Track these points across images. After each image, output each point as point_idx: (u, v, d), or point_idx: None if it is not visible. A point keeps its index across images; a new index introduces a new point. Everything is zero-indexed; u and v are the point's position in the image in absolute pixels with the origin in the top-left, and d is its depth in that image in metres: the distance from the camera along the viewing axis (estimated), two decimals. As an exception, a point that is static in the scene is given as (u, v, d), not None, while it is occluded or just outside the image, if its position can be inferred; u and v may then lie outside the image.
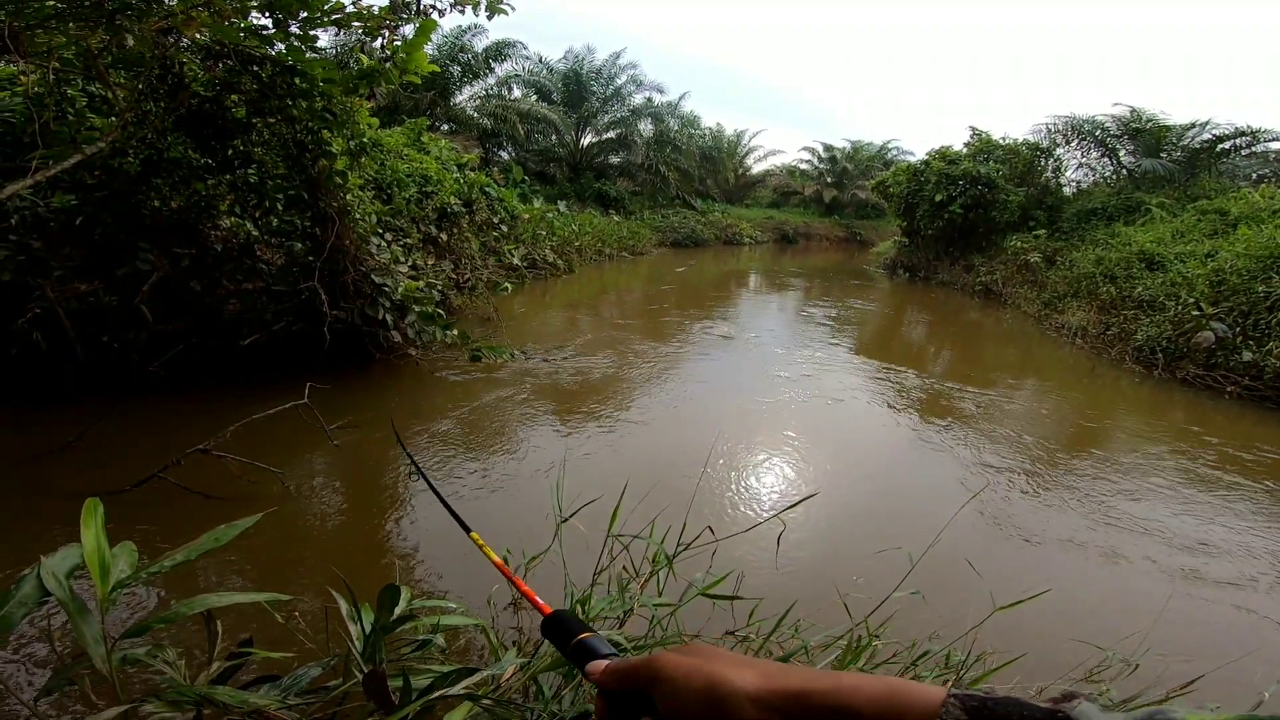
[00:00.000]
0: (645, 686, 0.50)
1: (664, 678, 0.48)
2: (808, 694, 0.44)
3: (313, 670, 1.53)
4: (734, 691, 0.45)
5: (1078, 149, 16.18)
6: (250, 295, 5.46)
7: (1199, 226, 10.79)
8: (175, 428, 4.23)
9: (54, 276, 4.54)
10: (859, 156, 32.41)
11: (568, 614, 0.59)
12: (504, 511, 3.72)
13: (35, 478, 3.57)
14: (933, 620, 2.35)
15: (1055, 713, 0.39)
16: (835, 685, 0.44)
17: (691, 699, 0.46)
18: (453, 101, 18.20)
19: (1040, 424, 6.03)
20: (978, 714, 0.40)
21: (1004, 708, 0.40)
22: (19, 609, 1.19)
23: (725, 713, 0.45)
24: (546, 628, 0.60)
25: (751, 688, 0.45)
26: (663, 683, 0.48)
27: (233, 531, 1.45)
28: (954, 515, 2.41)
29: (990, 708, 0.40)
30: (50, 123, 4.07)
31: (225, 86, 4.73)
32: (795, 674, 0.46)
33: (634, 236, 18.71)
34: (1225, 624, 3.20)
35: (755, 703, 0.45)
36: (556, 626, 0.59)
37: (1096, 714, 0.39)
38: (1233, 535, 4.06)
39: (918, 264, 17.36)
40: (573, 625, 0.58)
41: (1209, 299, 8.19)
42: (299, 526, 3.44)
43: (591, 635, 0.56)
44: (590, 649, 0.55)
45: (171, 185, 5.02)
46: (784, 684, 0.45)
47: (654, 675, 0.49)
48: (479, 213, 10.26)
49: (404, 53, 4.61)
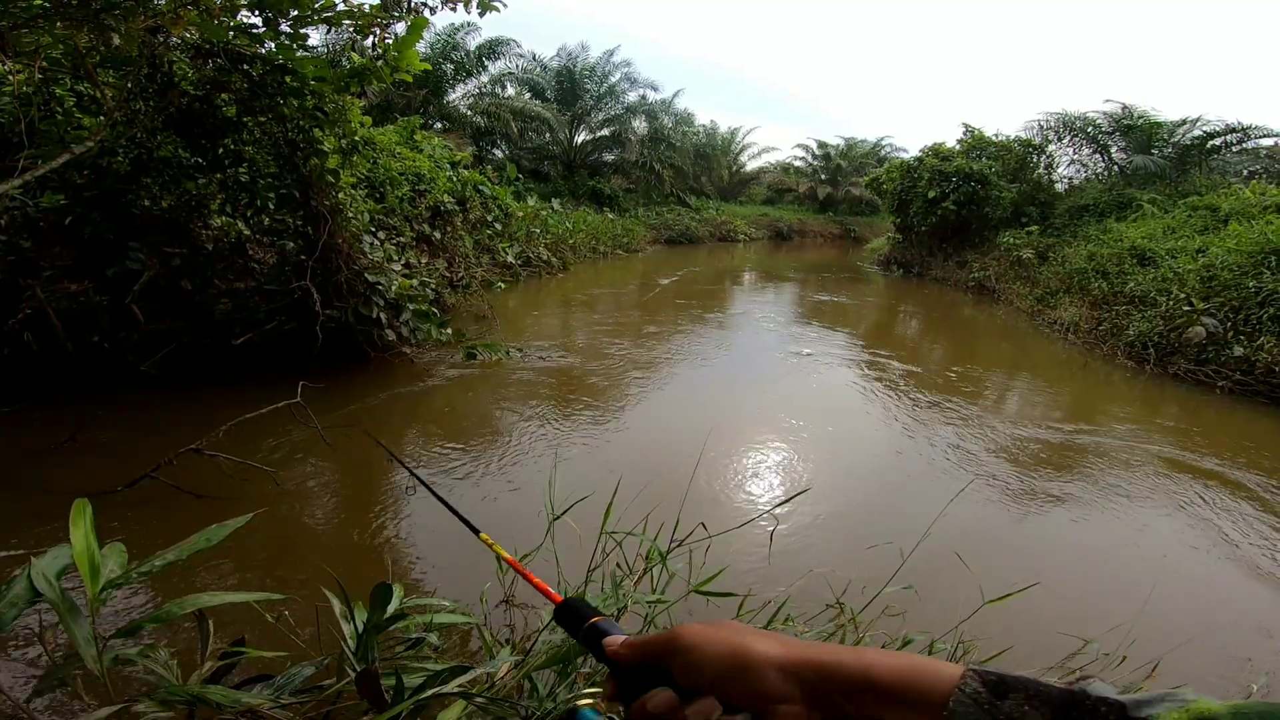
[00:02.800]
0: (664, 658, 0.50)
1: (686, 646, 0.49)
2: (830, 663, 0.45)
3: (306, 669, 1.53)
4: (759, 658, 0.46)
5: (1070, 145, 16.25)
6: (242, 294, 5.44)
7: (1190, 222, 10.85)
8: (167, 427, 4.21)
9: (44, 276, 4.52)
10: (853, 153, 32.44)
11: (579, 600, 0.61)
12: (496, 508, 3.72)
13: (27, 477, 3.55)
14: (925, 612, 2.37)
15: (1071, 690, 0.40)
16: (856, 657, 0.45)
17: (715, 666, 0.47)
18: (446, 99, 18.13)
19: (1031, 418, 6.06)
20: (995, 688, 0.41)
21: (1020, 683, 0.41)
22: (10, 609, 1.18)
23: (749, 678, 0.46)
24: (560, 615, 0.61)
25: (776, 655, 0.47)
26: (684, 651, 0.49)
27: (224, 531, 1.45)
28: (942, 510, 2.43)
29: (1008, 682, 0.41)
30: (38, 122, 4.04)
31: (215, 85, 4.70)
32: (817, 646, 0.48)
33: (628, 234, 18.69)
34: (1208, 617, 3.24)
35: (779, 670, 0.46)
36: (569, 613, 0.60)
37: (1109, 691, 0.40)
38: (1217, 527, 4.10)
39: (911, 260, 17.41)
40: (584, 610, 0.59)
41: (1200, 294, 8.24)
42: (291, 526, 3.43)
43: (602, 619, 0.58)
44: (602, 631, 0.57)
45: (161, 184, 4.99)
46: (806, 654, 0.47)
47: (675, 646, 0.50)
48: (473, 211, 10.23)
49: (395, 51, 4.59)
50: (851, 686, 0.44)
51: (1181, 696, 0.38)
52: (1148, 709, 0.38)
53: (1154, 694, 0.39)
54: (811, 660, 0.46)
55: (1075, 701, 0.39)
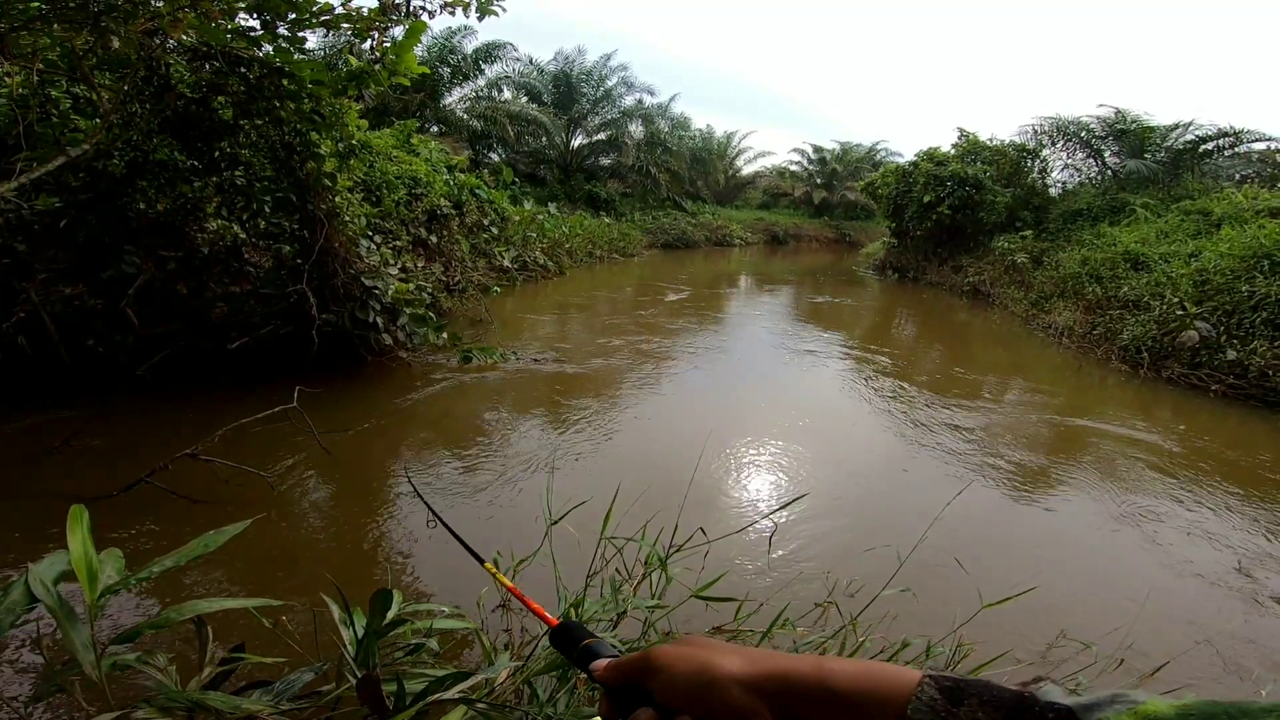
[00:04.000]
0: (642, 679, 0.52)
1: (658, 667, 0.51)
2: (789, 674, 0.47)
3: (305, 675, 1.53)
4: (721, 675, 0.48)
5: (1063, 150, 16.32)
6: (238, 298, 5.42)
7: (1183, 227, 10.91)
8: (163, 432, 4.19)
9: (39, 279, 4.50)
10: (848, 158, 32.56)
11: (573, 624, 0.64)
12: (494, 514, 3.71)
13: (21, 482, 3.53)
14: (922, 616, 2.38)
15: (1022, 694, 0.42)
16: (815, 666, 0.47)
17: (683, 685, 0.49)
18: (442, 103, 18.14)
19: (1027, 422, 6.09)
20: (950, 693, 0.42)
21: (974, 688, 0.43)
22: (7, 615, 1.18)
23: (714, 695, 0.47)
24: (555, 638, 0.64)
25: (738, 671, 0.48)
26: (657, 672, 0.51)
27: (222, 537, 1.45)
28: (938, 514, 2.43)
29: (962, 688, 0.43)
30: (34, 124, 4.03)
31: (212, 88, 4.69)
32: (778, 657, 0.49)
33: (624, 238, 18.70)
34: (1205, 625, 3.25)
35: (741, 685, 0.47)
36: (564, 636, 0.63)
37: (1060, 695, 0.42)
38: (1218, 532, 4.12)
39: (906, 265, 17.46)
40: (577, 633, 0.62)
41: (1193, 299, 8.28)
42: (288, 531, 3.41)
43: (595, 640, 0.60)
44: (594, 653, 0.60)
45: (157, 187, 4.98)
46: (768, 666, 0.48)
47: (649, 666, 0.52)
48: (469, 214, 10.23)
49: (393, 54, 4.59)
50: (811, 695, 0.45)
51: (1131, 698, 0.40)
52: (1097, 712, 0.39)
53: (1103, 696, 0.41)
54: (772, 673, 0.47)
55: (1025, 706, 0.41)
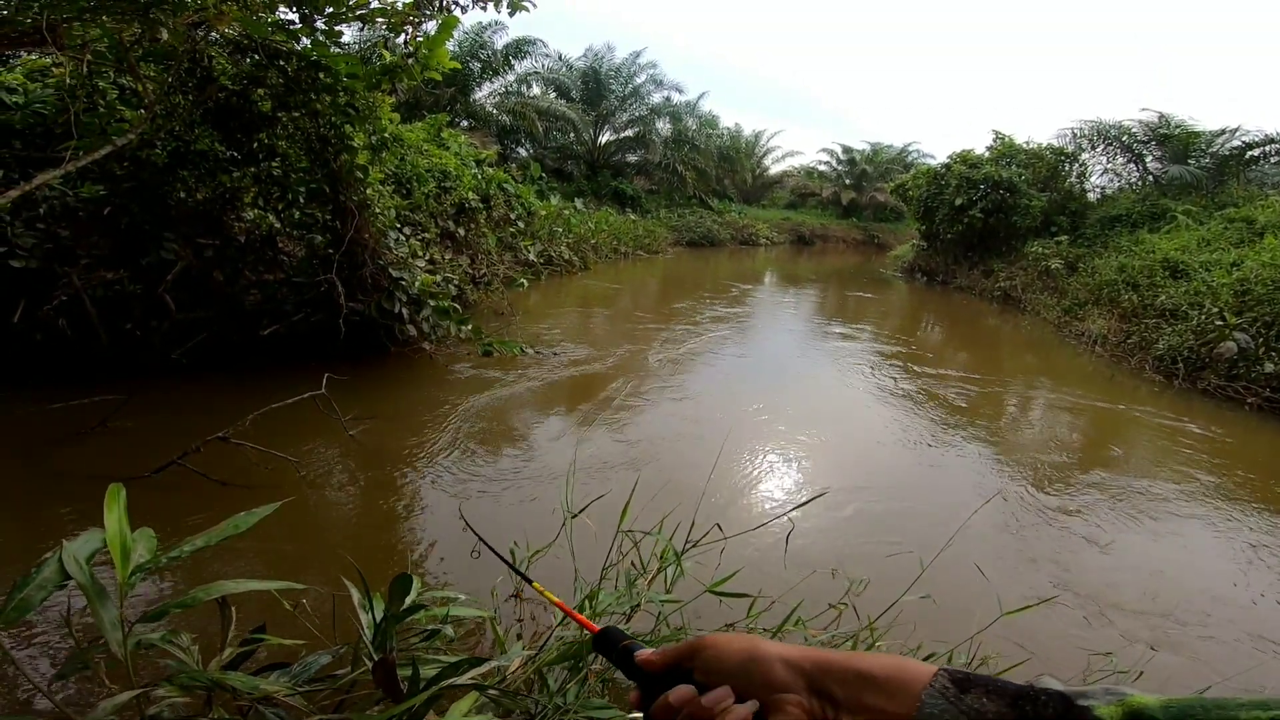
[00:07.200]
0: (689, 659, 0.60)
1: (708, 645, 0.59)
2: (827, 657, 0.55)
3: (322, 658, 1.56)
4: (768, 652, 0.56)
5: (1103, 154, 15.92)
6: (271, 286, 5.54)
7: (1225, 234, 10.58)
8: (195, 415, 4.30)
9: (80, 264, 4.64)
10: (878, 159, 32.13)
11: (612, 629, 0.71)
12: (513, 506, 3.74)
13: (58, 461, 3.65)
14: (942, 621, 2.35)
15: (1026, 687, 0.47)
16: (849, 656, 0.55)
17: (731, 660, 0.57)
18: (472, 98, 18.30)
19: (1056, 431, 5.96)
20: (960, 683, 0.49)
21: (982, 680, 0.49)
22: (39, 592, 1.21)
23: (758, 669, 0.55)
24: (598, 643, 0.71)
25: (782, 653, 0.56)
26: (706, 649, 0.59)
27: (252, 519, 1.48)
28: (964, 522, 2.40)
29: (971, 679, 0.49)
30: (81, 114, 4.16)
31: (252, 80, 4.80)
32: (817, 650, 0.57)
33: (650, 235, 18.70)
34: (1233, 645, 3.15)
35: (784, 663, 0.55)
36: (605, 640, 0.70)
37: (1059, 685, 0.47)
38: (1246, 544, 3.99)
39: (936, 268, 17.18)
40: (617, 636, 0.69)
41: (1233, 309, 8.03)
42: (312, 515, 3.49)
43: (631, 642, 0.68)
44: (633, 650, 0.67)
45: (197, 177, 5.11)
46: (807, 653, 0.56)
47: (698, 645, 0.60)
48: (496, 209, 10.31)
49: (426, 49, 4.65)
50: (845, 677, 0.52)
51: (1121, 692, 0.45)
52: (1089, 699, 0.45)
53: (1097, 688, 0.46)
54: (813, 657, 0.55)
55: (1025, 694, 0.46)
